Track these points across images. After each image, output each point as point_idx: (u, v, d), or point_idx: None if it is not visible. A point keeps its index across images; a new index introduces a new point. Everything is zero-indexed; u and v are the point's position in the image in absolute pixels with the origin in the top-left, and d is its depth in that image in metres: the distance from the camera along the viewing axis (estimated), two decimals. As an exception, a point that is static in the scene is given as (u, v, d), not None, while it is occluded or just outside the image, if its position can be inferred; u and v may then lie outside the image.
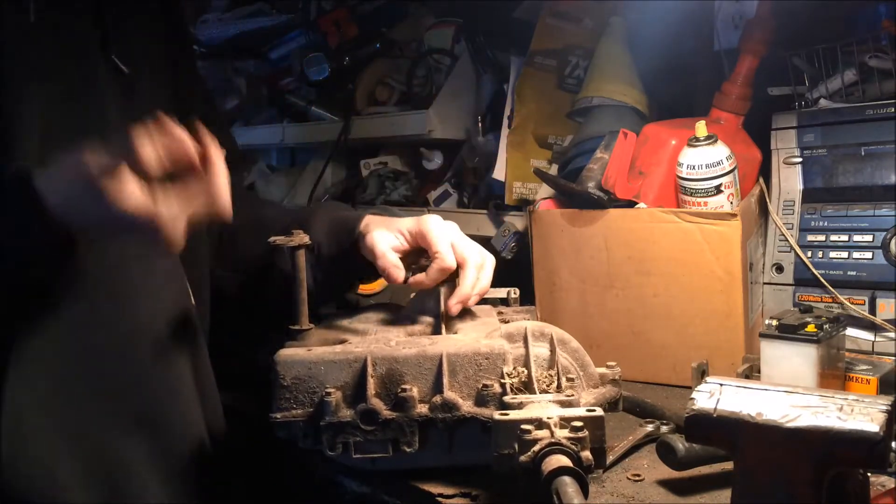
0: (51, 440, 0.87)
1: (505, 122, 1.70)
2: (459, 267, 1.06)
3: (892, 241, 1.22)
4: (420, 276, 1.07)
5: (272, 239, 1.00)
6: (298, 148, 2.63)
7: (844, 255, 1.27)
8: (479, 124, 1.82)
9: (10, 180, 0.80)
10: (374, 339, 0.97)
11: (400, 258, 1.08)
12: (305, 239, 0.99)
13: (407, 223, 1.10)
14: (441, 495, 0.90)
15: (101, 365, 0.91)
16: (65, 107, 0.91)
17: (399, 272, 1.06)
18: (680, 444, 0.88)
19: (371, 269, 1.12)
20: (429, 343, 0.94)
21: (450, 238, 1.07)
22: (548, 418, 0.80)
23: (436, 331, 1.03)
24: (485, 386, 0.90)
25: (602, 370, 0.99)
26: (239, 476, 1.10)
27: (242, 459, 1.11)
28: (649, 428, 1.03)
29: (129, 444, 0.93)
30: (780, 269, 1.33)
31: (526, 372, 0.92)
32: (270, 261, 1.15)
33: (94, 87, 0.95)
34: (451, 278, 1.06)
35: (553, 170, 1.61)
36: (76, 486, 0.88)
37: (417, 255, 1.10)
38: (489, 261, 1.08)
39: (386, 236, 1.08)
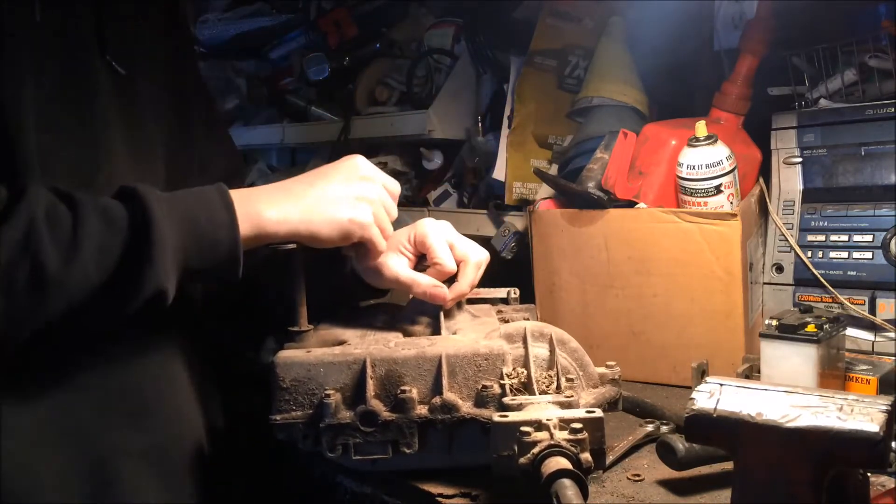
0: (38, 436, 0.86)
1: (505, 122, 1.70)
2: (460, 263, 1.06)
3: (892, 241, 1.22)
4: None
5: (272, 239, 0.99)
6: (298, 148, 2.63)
7: (844, 255, 1.27)
8: (479, 124, 1.82)
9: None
10: (374, 340, 0.97)
11: None
12: (299, 240, 0.99)
13: (403, 236, 1.08)
14: (441, 495, 0.90)
15: (96, 362, 0.90)
16: (61, 107, 0.91)
17: (442, 290, 1.04)
18: (680, 444, 0.88)
19: (367, 291, 1.12)
20: (428, 344, 0.94)
21: (447, 240, 1.07)
22: (547, 420, 0.80)
23: (435, 331, 1.02)
24: (484, 387, 0.90)
25: (602, 370, 0.99)
26: (239, 476, 1.10)
27: (242, 459, 1.11)
28: (649, 428, 1.03)
29: (126, 443, 0.92)
30: (780, 269, 1.33)
31: (525, 373, 0.92)
32: (259, 276, 1.14)
33: (90, 88, 0.94)
34: (451, 278, 1.07)
35: (553, 170, 1.60)
36: (62, 484, 0.87)
37: (419, 260, 1.10)
38: (485, 258, 1.09)
39: (398, 260, 1.06)
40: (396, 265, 1.05)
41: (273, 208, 0.92)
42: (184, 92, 1.11)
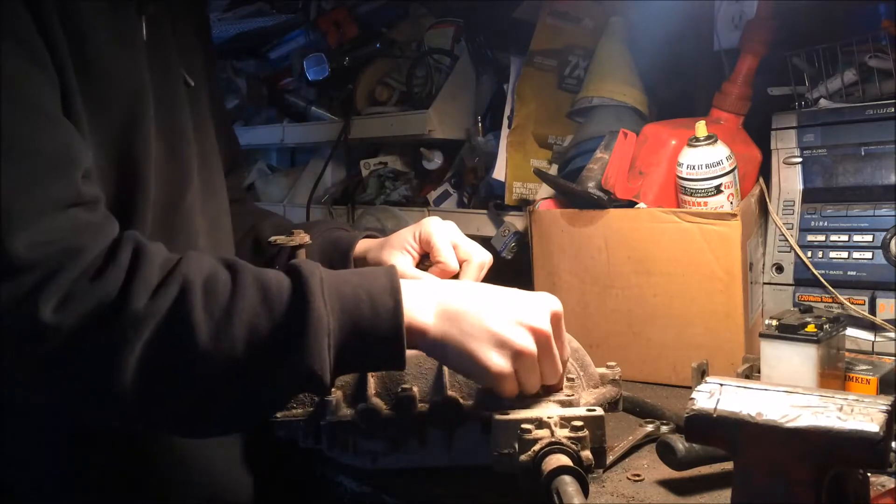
0: None
1: (505, 122, 1.70)
2: (463, 264, 1.06)
3: (892, 241, 1.22)
4: None
5: (272, 238, 1.00)
6: (298, 148, 2.63)
7: (844, 255, 1.27)
8: (479, 124, 1.82)
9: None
10: (375, 339, 0.97)
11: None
12: (306, 238, 0.99)
13: (409, 234, 1.08)
14: (441, 495, 0.90)
15: None
16: (164, 127, 0.91)
17: None
18: (680, 444, 0.88)
19: None
20: (429, 343, 0.94)
21: (451, 240, 1.07)
22: (548, 418, 0.80)
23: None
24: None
25: (602, 370, 0.99)
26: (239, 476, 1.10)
27: (242, 459, 1.11)
28: (649, 428, 1.03)
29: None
30: (780, 269, 1.33)
31: (526, 372, 0.91)
32: None
33: (178, 106, 0.95)
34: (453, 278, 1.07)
35: (553, 170, 1.61)
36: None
37: (421, 259, 1.10)
38: (489, 260, 1.09)
39: (402, 258, 1.06)
40: (400, 263, 1.05)
41: (424, 312, 0.81)
42: (213, 91, 1.12)
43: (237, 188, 1.31)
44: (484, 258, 1.08)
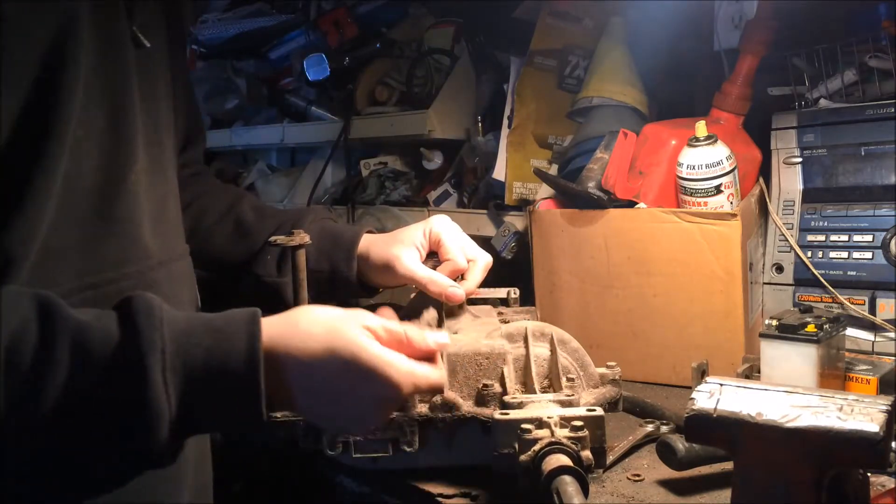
0: None
1: (505, 122, 1.70)
2: (470, 263, 1.07)
3: (892, 241, 1.22)
4: None
5: (273, 238, 0.99)
6: (298, 148, 2.63)
7: (844, 255, 1.27)
8: (479, 124, 1.82)
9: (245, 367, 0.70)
10: (374, 339, 0.97)
11: None
12: (306, 238, 0.99)
13: (417, 232, 1.08)
14: (441, 495, 0.90)
15: None
16: (98, 77, 0.80)
17: (459, 291, 1.02)
18: (680, 444, 0.88)
19: (368, 290, 1.11)
20: (429, 343, 0.94)
21: (460, 242, 1.07)
22: (548, 418, 0.80)
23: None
24: (485, 386, 0.90)
25: (602, 370, 0.99)
26: (240, 477, 1.10)
27: (243, 460, 1.11)
28: (649, 428, 1.03)
29: None
30: (780, 269, 1.33)
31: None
32: (247, 265, 1.11)
33: (121, 69, 0.84)
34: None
35: (553, 170, 1.61)
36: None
37: (427, 256, 1.10)
38: (491, 262, 1.09)
39: (411, 253, 1.06)
40: (411, 262, 1.05)
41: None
42: (175, 52, 1.00)
43: (196, 161, 1.20)
44: (488, 260, 1.08)
